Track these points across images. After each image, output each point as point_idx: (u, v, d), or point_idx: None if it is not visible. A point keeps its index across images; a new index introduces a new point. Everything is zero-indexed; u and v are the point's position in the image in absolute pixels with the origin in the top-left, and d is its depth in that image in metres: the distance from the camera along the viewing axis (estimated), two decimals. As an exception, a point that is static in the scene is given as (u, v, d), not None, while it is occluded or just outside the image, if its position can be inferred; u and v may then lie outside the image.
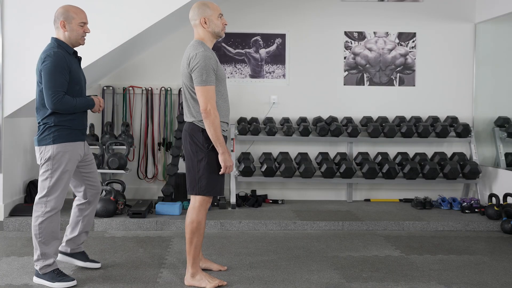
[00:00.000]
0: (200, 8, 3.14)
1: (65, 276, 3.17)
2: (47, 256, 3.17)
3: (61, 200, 3.20)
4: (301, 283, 3.24)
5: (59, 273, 3.18)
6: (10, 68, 4.50)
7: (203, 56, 3.01)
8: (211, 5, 3.15)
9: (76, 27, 3.21)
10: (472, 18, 6.05)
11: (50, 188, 3.14)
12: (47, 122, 3.17)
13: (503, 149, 5.74)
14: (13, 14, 4.47)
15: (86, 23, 3.27)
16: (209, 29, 3.14)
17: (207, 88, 3.00)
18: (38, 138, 3.21)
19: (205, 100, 2.99)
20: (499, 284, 3.29)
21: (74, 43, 3.26)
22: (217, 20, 3.15)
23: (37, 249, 3.16)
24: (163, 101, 5.75)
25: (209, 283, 3.11)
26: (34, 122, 5.31)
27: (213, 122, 2.99)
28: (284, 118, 5.82)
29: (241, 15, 5.89)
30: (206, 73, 2.99)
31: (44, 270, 3.16)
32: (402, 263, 3.70)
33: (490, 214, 4.93)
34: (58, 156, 3.13)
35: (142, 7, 4.55)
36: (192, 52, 3.05)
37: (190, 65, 3.03)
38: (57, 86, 3.08)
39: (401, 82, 6.05)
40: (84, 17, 3.26)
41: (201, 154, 3.08)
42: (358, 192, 5.94)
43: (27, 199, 4.99)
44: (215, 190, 3.13)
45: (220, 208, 5.20)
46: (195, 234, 3.13)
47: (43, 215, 3.15)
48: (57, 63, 3.10)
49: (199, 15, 3.13)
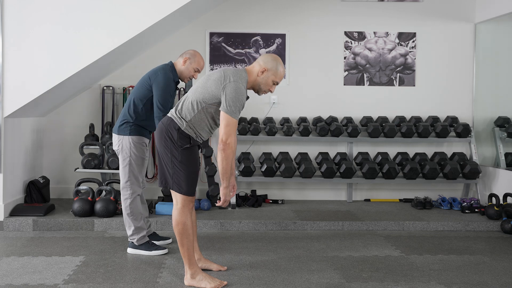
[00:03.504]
0: (274, 61, 3.14)
1: (158, 246, 3.84)
2: (141, 229, 3.83)
3: (139, 184, 3.85)
4: (301, 283, 3.24)
5: (153, 244, 3.85)
6: (10, 68, 4.50)
7: (242, 89, 3.00)
8: (281, 70, 3.15)
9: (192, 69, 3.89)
10: (472, 18, 6.05)
11: (128, 174, 3.81)
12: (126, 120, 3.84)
13: (503, 149, 5.74)
14: (13, 14, 4.47)
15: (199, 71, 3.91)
16: (258, 78, 3.13)
17: (233, 120, 2.97)
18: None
19: (228, 132, 2.96)
20: (499, 284, 3.29)
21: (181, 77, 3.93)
22: (269, 81, 3.14)
23: (131, 225, 3.81)
24: (163, 101, 5.74)
25: (210, 283, 3.11)
26: (34, 122, 5.32)
27: (228, 156, 2.98)
28: (284, 118, 5.82)
29: (241, 15, 5.89)
30: (238, 105, 2.98)
31: (140, 241, 3.82)
32: (402, 263, 3.70)
33: (490, 214, 4.93)
34: (135, 145, 3.80)
35: (143, 6, 4.55)
36: (236, 73, 3.04)
37: (225, 80, 3.00)
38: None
39: (401, 82, 6.05)
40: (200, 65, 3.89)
41: (174, 151, 3.06)
42: (358, 192, 5.94)
43: (27, 199, 4.99)
44: (192, 190, 3.11)
45: (220, 208, 5.20)
46: (183, 235, 3.11)
47: (130, 196, 3.81)
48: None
49: (266, 64, 3.12)
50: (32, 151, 5.27)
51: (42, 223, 4.56)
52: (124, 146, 3.80)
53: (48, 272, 3.39)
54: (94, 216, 4.67)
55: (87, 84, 5.45)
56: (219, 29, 5.87)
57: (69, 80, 4.63)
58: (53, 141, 5.69)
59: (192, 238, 3.19)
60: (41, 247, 4.00)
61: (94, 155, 5.12)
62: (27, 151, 5.13)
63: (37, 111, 5.11)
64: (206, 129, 3.14)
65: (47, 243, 4.12)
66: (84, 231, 4.51)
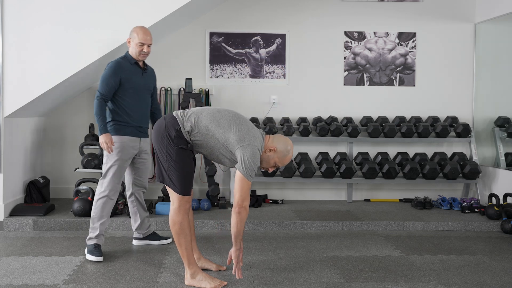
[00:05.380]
0: (285, 148, 3.14)
1: (98, 252, 3.66)
2: (94, 230, 3.73)
3: (112, 186, 3.74)
4: (301, 283, 3.24)
5: (96, 247, 3.69)
6: (10, 68, 4.50)
7: (258, 154, 3.02)
8: (287, 158, 3.17)
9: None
10: (472, 18, 6.05)
11: (105, 172, 3.75)
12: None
13: (503, 149, 5.74)
14: (13, 14, 4.47)
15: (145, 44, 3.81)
16: (264, 154, 3.13)
17: (249, 184, 3.00)
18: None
19: (244, 195, 2.99)
20: (499, 284, 3.29)
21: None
22: (272, 162, 3.15)
23: (90, 222, 3.75)
24: (163, 101, 5.75)
25: (210, 283, 3.11)
26: (34, 122, 5.32)
27: (243, 218, 3.01)
28: (284, 118, 5.82)
29: (241, 15, 5.89)
30: (254, 169, 3.00)
31: (89, 242, 3.72)
32: (402, 263, 3.70)
33: (490, 214, 4.93)
34: (113, 146, 3.71)
35: (143, 6, 4.55)
36: (256, 138, 3.05)
37: (245, 140, 3.00)
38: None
39: (401, 82, 6.05)
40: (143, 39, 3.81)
41: (170, 149, 3.06)
42: (358, 192, 5.94)
43: (27, 199, 4.99)
44: (186, 189, 3.11)
45: (220, 208, 5.21)
46: (180, 235, 3.12)
47: (99, 194, 3.75)
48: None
49: (279, 146, 3.13)
50: (32, 151, 5.27)
51: (42, 223, 4.56)
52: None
53: (48, 272, 3.39)
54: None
55: (87, 84, 5.45)
56: (219, 29, 5.87)
57: (69, 80, 4.63)
58: (53, 141, 5.69)
59: (190, 238, 3.19)
60: (41, 247, 4.00)
61: (94, 155, 5.12)
62: (27, 151, 5.13)
63: (37, 111, 5.11)
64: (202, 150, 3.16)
65: (47, 243, 4.12)
66: (84, 231, 4.51)
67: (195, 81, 5.75)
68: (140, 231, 4.09)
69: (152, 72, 4.07)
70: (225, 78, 5.87)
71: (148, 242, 4.11)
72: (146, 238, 4.11)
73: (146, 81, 3.94)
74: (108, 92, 3.72)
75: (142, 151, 3.95)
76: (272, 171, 3.22)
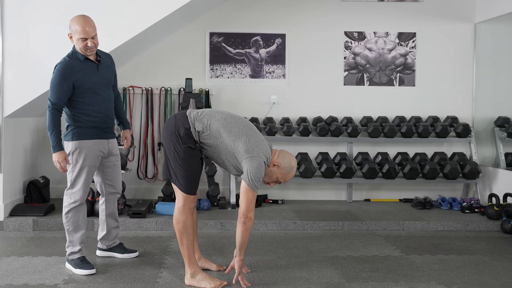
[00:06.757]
0: (289, 165, 3.16)
1: (87, 264, 3.41)
2: (74, 243, 3.47)
3: (83, 193, 3.45)
4: (301, 283, 3.24)
5: (83, 260, 3.43)
6: (10, 68, 4.50)
7: (263, 166, 3.03)
8: (290, 175, 3.19)
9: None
10: (472, 18, 6.05)
11: (72, 181, 3.43)
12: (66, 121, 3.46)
13: (503, 149, 5.74)
14: (13, 14, 4.47)
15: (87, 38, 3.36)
16: (267, 169, 3.14)
17: (254, 195, 3.04)
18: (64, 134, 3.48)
19: (248, 205, 3.02)
20: (499, 284, 3.29)
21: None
22: (274, 177, 3.18)
23: (67, 236, 3.48)
24: (163, 101, 5.75)
25: (210, 283, 3.11)
26: (34, 122, 5.32)
27: (248, 229, 3.04)
28: (284, 118, 5.82)
29: (241, 15, 5.89)
30: (260, 180, 3.02)
31: (71, 257, 3.46)
32: (402, 263, 3.70)
33: (490, 214, 4.93)
34: (76, 152, 3.39)
35: (143, 6, 4.55)
36: (265, 150, 3.07)
37: (253, 152, 3.01)
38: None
39: (401, 82, 6.05)
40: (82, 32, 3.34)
41: (178, 147, 3.07)
42: (358, 192, 5.94)
43: (27, 199, 4.99)
44: (192, 189, 3.13)
45: (220, 208, 5.21)
46: (183, 234, 3.13)
47: (68, 205, 3.45)
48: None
49: (284, 163, 3.15)
50: (32, 151, 5.27)
51: (42, 223, 4.56)
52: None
53: (48, 272, 3.39)
54: (94, 216, 4.66)
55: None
56: (219, 29, 5.87)
57: (69, 80, 4.63)
58: (53, 141, 5.68)
59: (192, 238, 3.19)
60: (41, 247, 4.00)
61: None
62: (27, 151, 5.13)
63: (37, 111, 5.10)
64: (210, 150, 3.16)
65: (47, 243, 4.12)
66: (84, 231, 4.49)
67: (195, 81, 5.75)
68: (104, 242, 3.75)
69: (108, 61, 3.59)
70: (225, 78, 5.88)
71: (112, 254, 3.76)
72: (111, 249, 3.76)
73: (103, 75, 3.49)
74: (61, 100, 3.31)
75: (111, 154, 3.60)
76: (273, 186, 3.24)
